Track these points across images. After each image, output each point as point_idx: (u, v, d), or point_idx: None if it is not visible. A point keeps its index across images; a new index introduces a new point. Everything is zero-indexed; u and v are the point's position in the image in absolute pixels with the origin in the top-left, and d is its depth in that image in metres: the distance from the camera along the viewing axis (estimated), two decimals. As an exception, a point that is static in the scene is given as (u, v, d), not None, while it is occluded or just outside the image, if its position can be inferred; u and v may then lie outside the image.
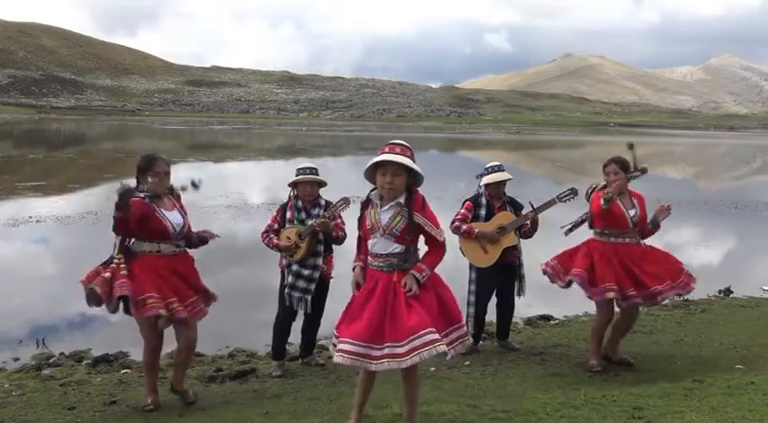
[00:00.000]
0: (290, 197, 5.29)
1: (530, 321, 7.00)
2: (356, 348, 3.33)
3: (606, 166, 5.12)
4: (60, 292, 7.55)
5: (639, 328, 6.16)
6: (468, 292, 5.71)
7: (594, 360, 5.17)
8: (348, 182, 12.59)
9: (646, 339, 6.08)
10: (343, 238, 5.13)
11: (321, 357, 5.55)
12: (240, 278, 8.68)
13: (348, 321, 3.48)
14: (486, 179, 5.64)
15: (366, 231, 3.54)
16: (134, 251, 4.28)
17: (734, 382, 4.43)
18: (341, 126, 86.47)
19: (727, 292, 8.33)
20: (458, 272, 5.83)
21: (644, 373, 5.02)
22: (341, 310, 3.63)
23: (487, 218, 5.58)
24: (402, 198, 3.44)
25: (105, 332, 6.32)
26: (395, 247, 3.44)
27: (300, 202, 5.21)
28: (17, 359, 5.74)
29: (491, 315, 5.95)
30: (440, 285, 3.55)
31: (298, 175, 5.18)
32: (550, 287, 5.39)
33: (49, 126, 62.82)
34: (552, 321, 7.09)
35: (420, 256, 3.50)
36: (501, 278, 5.69)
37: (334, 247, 5.30)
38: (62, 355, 5.83)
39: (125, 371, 5.41)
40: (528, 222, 5.57)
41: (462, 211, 5.63)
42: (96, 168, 23.56)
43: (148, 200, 4.26)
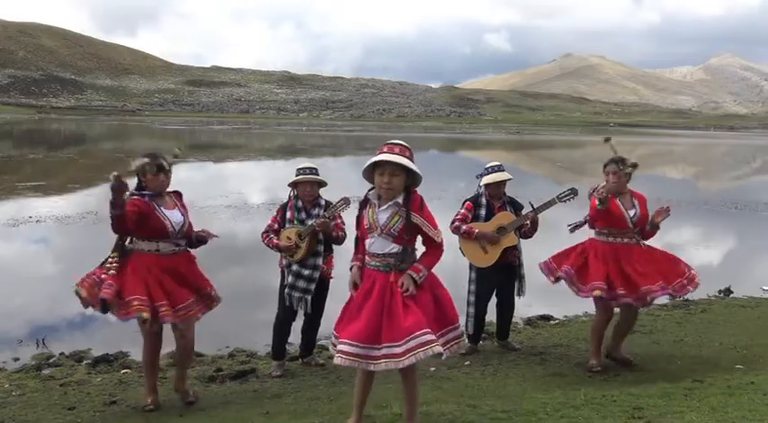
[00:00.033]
0: (290, 197, 5.28)
1: (530, 321, 7.00)
2: (355, 349, 3.33)
3: (606, 166, 5.12)
4: (60, 292, 7.51)
5: (639, 328, 6.16)
6: (468, 292, 5.71)
7: (594, 360, 5.17)
8: (348, 182, 12.58)
9: (646, 339, 6.08)
10: (344, 238, 5.13)
11: (321, 357, 5.55)
12: (240, 278, 8.67)
13: (346, 321, 3.49)
14: (486, 179, 5.63)
15: (364, 231, 3.54)
16: (129, 249, 4.26)
17: (734, 382, 4.43)
18: (341, 126, 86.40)
19: (727, 292, 8.33)
20: (458, 272, 5.83)
21: (644, 373, 5.02)
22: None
23: (487, 218, 5.58)
24: (400, 198, 3.45)
25: (105, 332, 6.32)
26: (392, 247, 3.44)
27: (300, 202, 5.21)
28: (17, 359, 5.74)
29: (491, 315, 5.95)
30: (437, 286, 3.56)
31: (298, 175, 5.18)
32: (550, 287, 5.39)
33: (49, 126, 62.77)
34: (552, 321, 7.09)
35: (417, 257, 3.50)
36: (501, 278, 5.69)
37: (334, 247, 5.30)
38: (62, 355, 5.83)
39: (125, 371, 5.41)
40: (528, 222, 5.57)
41: (462, 211, 5.63)
42: (96, 168, 23.51)
43: (149, 198, 4.25)
